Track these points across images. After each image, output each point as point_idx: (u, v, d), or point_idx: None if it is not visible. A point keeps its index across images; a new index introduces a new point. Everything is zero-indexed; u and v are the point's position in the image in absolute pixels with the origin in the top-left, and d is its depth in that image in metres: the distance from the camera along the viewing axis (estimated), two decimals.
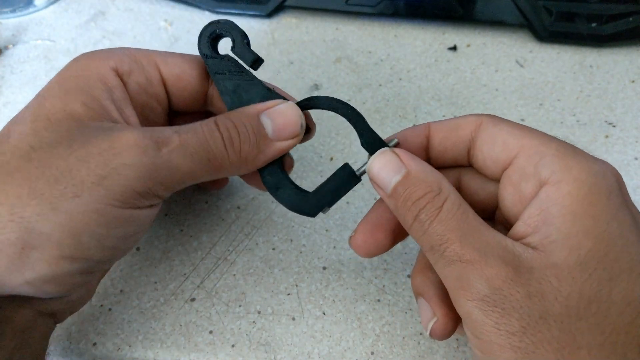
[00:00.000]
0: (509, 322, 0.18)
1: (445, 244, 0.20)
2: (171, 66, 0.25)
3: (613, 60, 0.41)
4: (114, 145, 0.21)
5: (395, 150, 0.22)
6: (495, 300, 0.18)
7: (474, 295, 0.19)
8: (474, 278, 0.19)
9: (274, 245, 0.31)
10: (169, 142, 0.22)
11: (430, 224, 0.20)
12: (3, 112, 0.40)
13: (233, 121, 0.23)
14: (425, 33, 0.44)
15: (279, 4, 0.44)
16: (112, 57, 0.24)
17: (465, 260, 0.19)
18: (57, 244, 0.20)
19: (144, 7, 0.48)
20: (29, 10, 0.47)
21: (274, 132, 0.24)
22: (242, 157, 0.23)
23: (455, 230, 0.20)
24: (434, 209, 0.20)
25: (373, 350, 0.27)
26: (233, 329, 0.28)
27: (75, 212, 0.20)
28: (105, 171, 0.20)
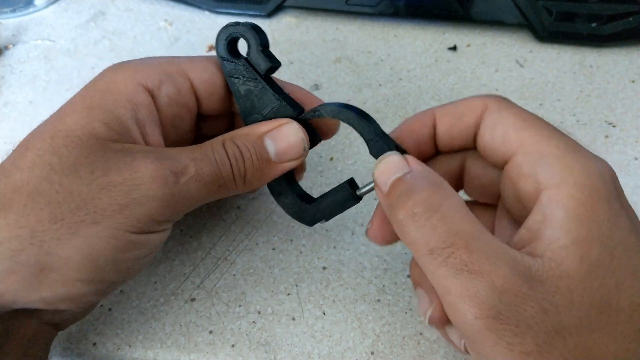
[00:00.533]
0: (524, 342, 0.17)
1: (449, 248, 0.18)
2: (200, 72, 0.25)
3: (613, 60, 0.41)
4: (135, 175, 0.21)
5: (405, 155, 0.22)
6: (509, 317, 0.17)
7: (485, 312, 0.17)
8: (485, 292, 0.17)
9: (274, 245, 0.31)
10: (186, 172, 0.22)
11: (428, 220, 0.19)
12: (3, 111, 0.40)
13: (239, 146, 0.24)
14: (425, 33, 0.44)
15: (279, 4, 0.45)
16: (141, 70, 0.24)
17: (474, 270, 0.17)
18: (74, 267, 0.21)
19: (144, 7, 0.48)
20: (29, 10, 0.47)
21: (277, 155, 0.24)
22: (247, 181, 0.24)
23: (460, 233, 0.18)
24: (434, 203, 0.19)
25: (373, 350, 0.27)
26: (233, 329, 0.28)
27: (93, 237, 0.21)
28: (126, 201, 0.21)
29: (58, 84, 0.41)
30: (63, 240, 0.20)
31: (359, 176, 0.35)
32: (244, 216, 0.33)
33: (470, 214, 0.19)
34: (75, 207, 0.20)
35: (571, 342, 0.17)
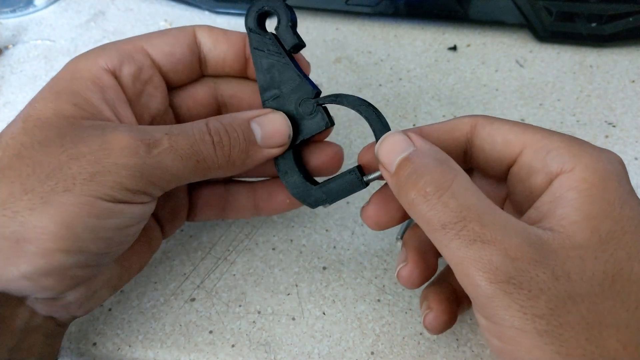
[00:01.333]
0: (536, 305, 0.17)
1: (462, 222, 0.18)
2: (159, 46, 0.25)
3: (613, 60, 0.41)
4: (105, 145, 0.21)
5: (408, 132, 0.22)
6: (521, 282, 0.17)
7: (498, 277, 0.18)
8: (498, 259, 0.18)
9: (274, 245, 0.31)
10: (159, 144, 0.22)
11: (440, 198, 0.19)
12: (3, 111, 0.40)
13: (224, 125, 0.24)
14: (425, 33, 0.44)
15: None
16: (102, 55, 0.24)
17: (486, 240, 0.18)
18: (51, 236, 0.20)
19: (144, 7, 0.48)
20: (29, 10, 0.47)
21: (263, 139, 0.24)
22: (231, 160, 0.24)
23: (472, 208, 0.19)
24: (444, 180, 0.19)
25: (373, 350, 0.27)
26: (233, 329, 0.28)
27: (66, 204, 0.20)
28: (96, 169, 0.21)
29: None
30: (36, 209, 0.20)
31: None
32: None
33: (479, 190, 0.20)
34: (44, 177, 0.20)
35: (583, 308, 0.17)
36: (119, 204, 0.21)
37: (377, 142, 0.23)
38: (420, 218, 0.20)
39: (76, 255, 0.21)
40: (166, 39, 0.26)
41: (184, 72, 0.26)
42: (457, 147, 0.23)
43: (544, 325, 0.17)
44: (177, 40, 0.26)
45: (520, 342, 0.18)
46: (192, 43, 0.26)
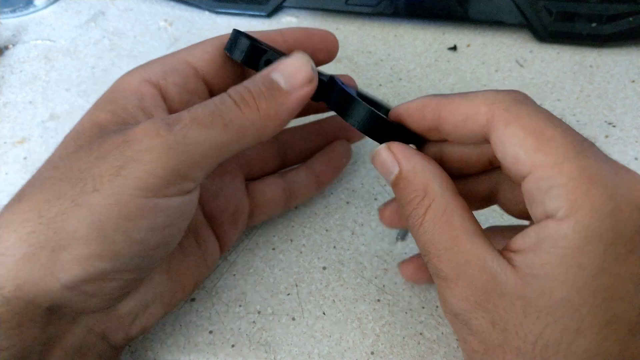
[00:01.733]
0: (473, 342, 0.19)
1: (427, 256, 0.20)
2: (199, 55, 0.25)
3: (613, 60, 0.41)
4: (127, 137, 0.20)
5: (391, 147, 0.22)
6: (464, 320, 0.19)
7: (448, 310, 0.20)
8: (448, 296, 0.20)
9: (274, 245, 0.31)
10: (180, 120, 0.21)
11: (417, 231, 0.21)
12: (3, 111, 0.40)
13: (244, 85, 0.23)
14: (425, 33, 0.44)
15: (279, 4, 0.45)
16: (145, 69, 0.24)
17: (442, 276, 0.20)
18: (83, 240, 0.19)
19: (143, 7, 0.48)
20: (29, 10, 0.47)
21: (287, 82, 0.23)
22: (263, 114, 0.22)
23: (435, 244, 0.20)
24: (418, 216, 0.21)
25: (373, 350, 0.27)
26: (233, 329, 0.28)
27: (96, 205, 0.19)
28: (121, 161, 0.20)
29: (58, 83, 0.41)
30: (68, 213, 0.19)
31: (358, 176, 0.35)
32: None
33: (450, 216, 0.20)
34: (75, 180, 0.20)
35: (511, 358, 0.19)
36: (152, 198, 0.20)
37: None
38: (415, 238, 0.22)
39: (111, 260, 0.20)
40: (206, 47, 0.26)
41: (225, 77, 0.26)
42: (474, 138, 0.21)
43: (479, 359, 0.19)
44: (216, 48, 0.26)
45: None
46: None
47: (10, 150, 0.37)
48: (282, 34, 0.27)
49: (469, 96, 0.20)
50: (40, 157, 0.36)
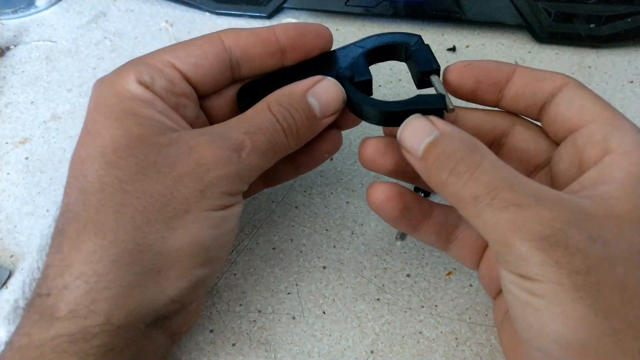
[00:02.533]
0: (572, 261, 0.17)
1: (493, 192, 0.19)
2: (185, 59, 0.25)
3: (611, 61, 0.41)
4: (200, 162, 0.22)
5: (429, 117, 0.23)
6: (557, 240, 0.18)
7: (532, 236, 0.18)
8: (532, 220, 0.18)
9: (274, 244, 0.32)
10: (244, 146, 0.23)
11: (472, 175, 0.20)
12: (5, 112, 0.40)
13: (287, 109, 0.24)
14: (425, 34, 0.44)
15: (279, 5, 0.45)
16: (132, 71, 0.24)
17: (519, 204, 0.18)
18: (187, 256, 0.22)
19: (145, 7, 0.48)
20: (30, 11, 0.47)
21: (321, 111, 0.25)
22: (299, 140, 0.25)
23: (503, 179, 0.19)
24: (474, 160, 0.20)
25: (373, 349, 0.27)
26: (234, 327, 0.28)
27: (191, 225, 0.22)
28: (202, 186, 0.22)
29: (59, 84, 0.42)
30: (167, 237, 0.21)
31: (358, 176, 0.35)
32: (244, 216, 0.33)
33: (508, 166, 0.20)
34: (160, 206, 0.21)
35: (620, 271, 0.18)
36: (227, 209, 0.23)
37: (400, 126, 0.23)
38: (452, 196, 0.21)
39: (210, 265, 0.23)
40: (192, 50, 0.25)
41: (213, 81, 0.26)
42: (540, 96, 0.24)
43: (581, 281, 0.17)
44: (203, 51, 0.25)
45: (554, 295, 0.18)
46: (220, 51, 0.25)
47: (12, 151, 0.37)
48: (275, 33, 0.26)
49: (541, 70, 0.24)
50: (42, 157, 0.37)
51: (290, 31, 0.26)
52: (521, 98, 0.24)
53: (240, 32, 0.26)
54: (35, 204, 0.34)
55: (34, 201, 0.34)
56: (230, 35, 0.26)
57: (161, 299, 0.21)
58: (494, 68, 0.24)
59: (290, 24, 0.27)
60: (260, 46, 0.26)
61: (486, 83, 0.24)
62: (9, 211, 0.34)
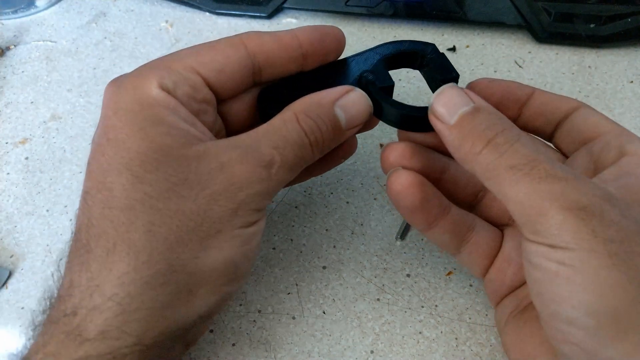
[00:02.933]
0: (608, 231, 0.18)
1: (532, 163, 0.19)
2: (209, 65, 0.24)
3: (611, 61, 0.41)
4: (233, 181, 0.22)
5: (465, 89, 0.23)
6: (594, 211, 0.18)
7: (571, 205, 0.18)
8: (571, 191, 0.18)
9: (274, 244, 0.32)
10: (273, 163, 0.22)
11: (511, 146, 0.20)
12: (5, 112, 0.40)
13: (315, 121, 0.24)
14: (425, 34, 0.44)
15: (279, 5, 0.45)
16: (153, 75, 0.23)
17: (559, 177, 0.19)
18: (219, 275, 0.22)
19: (145, 8, 0.48)
20: (30, 11, 0.47)
21: (347, 123, 0.24)
22: (323, 152, 0.25)
23: (542, 153, 0.20)
24: (513, 134, 0.20)
25: (373, 349, 0.27)
26: (233, 327, 0.28)
27: (224, 244, 0.22)
28: (235, 205, 0.22)
29: (59, 84, 0.42)
30: (200, 257, 0.21)
31: (358, 176, 0.35)
32: None
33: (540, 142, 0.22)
34: (194, 225, 0.21)
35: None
36: (255, 225, 0.23)
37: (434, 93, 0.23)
38: (484, 166, 0.21)
39: (238, 281, 0.23)
40: (215, 55, 0.24)
41: (233, 87, 0.25)
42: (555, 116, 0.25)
43: (615, 249, 0.17)
44: (227, 57, 0.24)
45: (587, 263, 0.18)
46: (244, 57, 0.25)
47: (12, 151, 0.37)
48: (297, 37, 0.25)
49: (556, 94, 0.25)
50: (42, 157, 0.37)
51: (312, 35, 0.26)
52: (538, 117, 0.25)
53: (263, 36, 0.25)
54: (35, 204, 0.34)
55: (34, 201, 0.34)
56: (254, 39, 0.25)
57: (191, 317, 0.22)
58: (516, 87, 0.25)
59: (309, 28, 0.26)
60: (283, 52, 0.25)
61: (509, 100, 0.25)
62: (9, 211, 0.34)
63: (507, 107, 0.25)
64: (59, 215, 0.33)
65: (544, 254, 0.19)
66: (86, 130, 0.38)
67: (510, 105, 0.25)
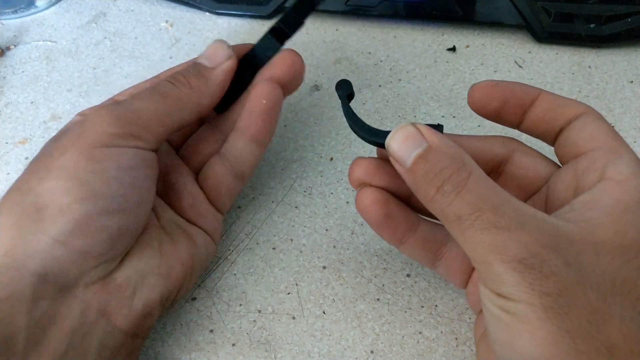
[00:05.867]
0: (545, 284, 0.18)
1: (476, 213, 0.19)
2: None
3: (611, 60, 0.41)
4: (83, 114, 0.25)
5: (417, 125, 0.22)
6: (532, 263, 0.18)
7: (510, 258, 0.18)
8: (511, 243, 0.18)
9: (274, 244, 0.32)
10: (124, 99, 0.26)
11: (458, 194, 0.20)
12: (5, 112, 0.40)
13: (174, 69, 0.28)
14: (425, 34, 0.44)
15: (279, 5, 0.45)
16: None
17: (500, 227, 0.19)
18: (62, 190, 0.22)
19: (145, 8, 0.48)
20: (30, 11, 0.47)
21: (210, 61, 0.28)
22: (195, 89, 0.27)
23: (487, 200, 0.19)
24: (460, 179, 0.20)
25: (373, 349, 0.27)
26: (234, 327, 0.28)
27: (66, 162, 0.22)
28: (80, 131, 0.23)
29: (59, 84, 0.42)
30: (44, 178, 0.22)
31: None
32: (244, 216, 0.33)
33: (495, 184, 0.20)
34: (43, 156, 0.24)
35: (592, 295, 0.18)
36: (112, 147, 0.23)
37: None
38: (437, 212, 0.21)
39: (92, 200, 0.22)
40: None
41: None
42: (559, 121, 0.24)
43: (551, 302, 0.18)
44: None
45: (525, 314, 0.18)
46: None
47: (12, 151, 0.37)
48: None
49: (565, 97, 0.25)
50: None
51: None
52: (541, 122, 0.24)
53: None
54: None
55: None
56: None
57: (41, 238, 0.21)
58: (520, 90, 0.24)
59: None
60: None
61: (512, 104, 0.24)
62: None
63: (509, 113, 0.25)
64: None
65: (490, 298, 0.19)
66: None
67: (513, 110, 0.25)
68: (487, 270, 0.19)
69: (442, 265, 0.26)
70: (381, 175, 0.25)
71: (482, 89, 0.25)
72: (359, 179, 0.25)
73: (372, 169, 0.25)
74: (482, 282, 0.20)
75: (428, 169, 0.21)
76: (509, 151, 0.25)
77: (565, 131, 0.24)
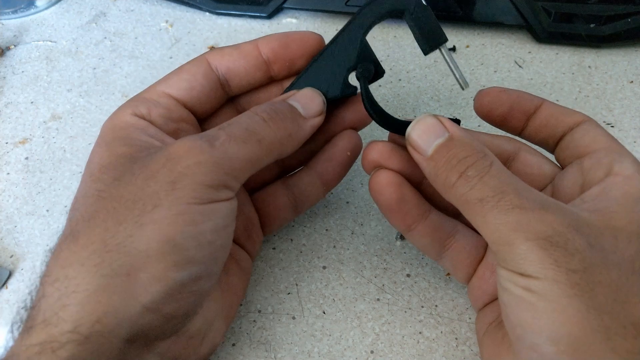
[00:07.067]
0: (571, 261, 0.18)
1: (500, 195, 0.20)
2: (178, 85, 0.26)
3: (611, 60, 0.41)
4: (171, 156, 0.21)
5: (438, 117, 0.23)
6: (557, 241, 0.19)
7: (535, 235, 0.19)
8: (535, 222, 0.19)
9: (274, 244, 0.32)
10: (218, 137, 0.22)
11: (481, 179, 0.20)
12: (5, 112, 0.40)
13: (268, 105, 0.25)
14: None
15: (279, 5, 0.45)
16: (129, 107, 0.25)
17: (524, 207, 0.19)
18: (158, 255, 0.20)
19: (145, 7, 0.48)
20: (30, 11, 0.47)
21: (304, 110, 0.25)
22: (287, 132, 0.24)
23: (510, 184, 0.20)
24: (483, 166, 0.21)
25: (373, 349, 0.27)
26: (234, 327, 0.28)
27: (161, 220, 0.20)
28: (173, 177, 0.21)
29: (59, 84, 0.42)
30: (135, 235, 0.20)
31: (358, 176, 0.35)
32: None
33: (514, 175, 0.21)
34: (130, 203, 0.21)
35: (615, 274, 0.19)
36: (207, 204, 0.21)
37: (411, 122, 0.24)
38: (458, 198, 0.21)
39: (187, 267, 0.21)
40: (182, 75, 0.26)
41: (207, 101, 0.27)
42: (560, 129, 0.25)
43: (577, 279, 0.18)
44: (192, 74, 0.26)
45: (550, 291, 0.18)
46: (208, 72, 0.26)
47: (12, 151, 0.37)
48: (257, 46, 0.27)
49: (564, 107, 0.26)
50: (42, 157, 0.37)
51: (273, 43, 0.27)
52: (544, 128, 0.25)
53: (224, 50, 0.27)
54: (35, 204, 0.34)
55: (34, 201, 0.34)
56: (215, 55, 0.27)
57: (132, 305, 0.19)
58: (526, 98, 0.25)
59: (273, 36, 0.27)
60: (244, 61, 0.27)
61: (518, 111, 0.25)
62: (9, 211, 0.34)
63: (514, 118, 0.25)
64: (59, 215, 0.33)
65: (512, 279, 0.19)
66: (86, 130, 0.38)
67: (518, 116, 0.25)
68: (509, 251, 0.19)
69: (448, 257, 0.26)
70: (395, 158, 0.25)
71: (491, 94, 0.26)
72: (373, 161, 0.25)
73: (386, 152, 0.25)
74: (503, 264, 0.20)
75: (451, 156, 0.21)
76: (515, 149, 0.26)
77: (567, 136, 0.25)
